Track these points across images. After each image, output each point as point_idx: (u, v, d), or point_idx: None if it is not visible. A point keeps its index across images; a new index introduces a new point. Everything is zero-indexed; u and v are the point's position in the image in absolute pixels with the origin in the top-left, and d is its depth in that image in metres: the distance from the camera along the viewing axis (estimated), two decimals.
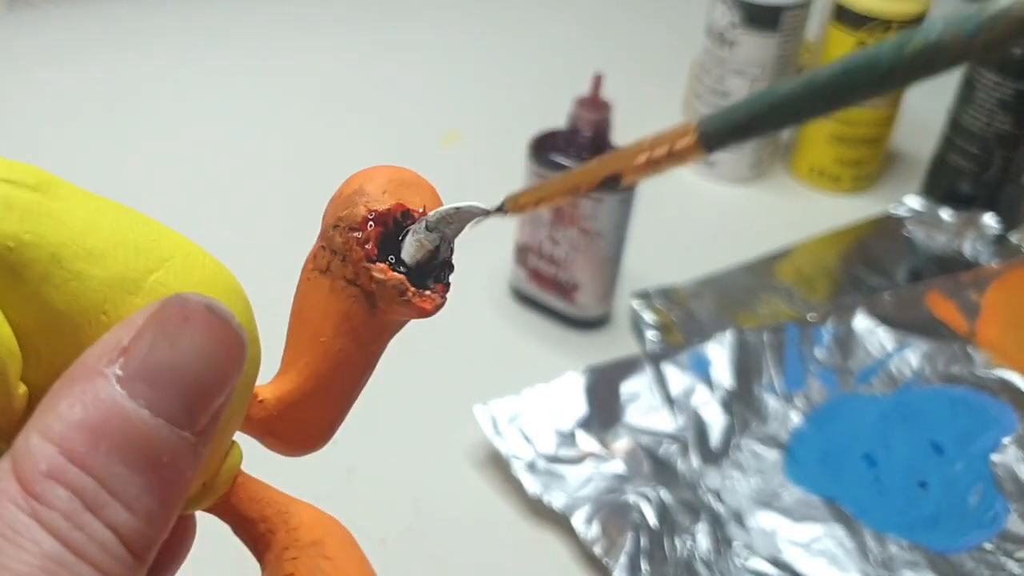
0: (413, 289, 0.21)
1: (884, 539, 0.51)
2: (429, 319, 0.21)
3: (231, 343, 0.18)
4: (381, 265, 0.21)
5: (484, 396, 0.54)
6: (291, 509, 0.23)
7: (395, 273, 0.21)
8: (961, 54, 0.15)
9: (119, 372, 0.17)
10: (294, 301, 0.22)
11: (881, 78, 0.16)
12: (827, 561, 0.50)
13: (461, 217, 0.21)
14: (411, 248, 0.21)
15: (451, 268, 0.21)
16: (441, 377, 0.59)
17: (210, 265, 0.20)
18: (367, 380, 0.22)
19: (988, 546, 0.50)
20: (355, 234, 0.21)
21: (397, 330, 0.22)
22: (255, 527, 0.22)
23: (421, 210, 0.21)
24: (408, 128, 0.81)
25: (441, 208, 0.21)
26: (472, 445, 0.54)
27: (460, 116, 0.83)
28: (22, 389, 0.17)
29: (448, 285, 0.21)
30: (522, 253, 0.63)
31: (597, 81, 0.59)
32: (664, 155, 0.18)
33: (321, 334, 0.21)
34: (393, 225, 0.21)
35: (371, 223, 0.21)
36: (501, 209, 0.20)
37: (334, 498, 0.56)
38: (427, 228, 0.21)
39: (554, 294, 0.62)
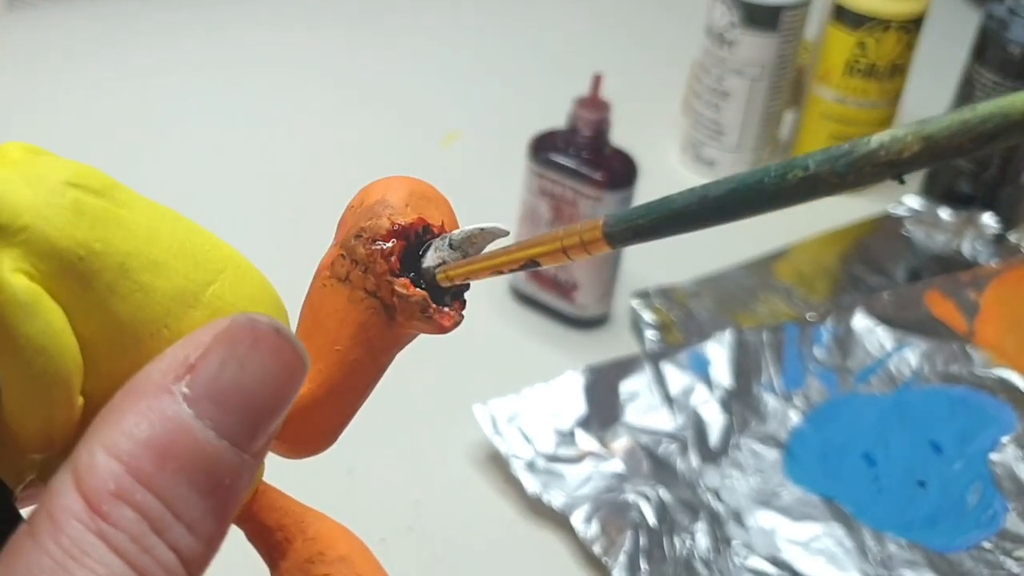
0: (435, 306, 0.21)
1: (883, 538, 0.51)
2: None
3: (295, 367, 0.18)
4: (404, 280, 0.21)
5: (484, 396, 0.55)
6: (307, 519, 0.23)
7: (417, 289, 0.21)
8: (836, 187, 0.17)
9: (186, 390, 0.16)
10: (305, 306, 0.22)
11: (765, 201, 0.17)
12: (826, 560, 0.50)
13: (484, 238, 0.21)
14: (433, 264, 0.21)
15: (467, 285, 0.21)
16: (441, 377, 0.59)
17: (256, 276, 0.20)
18: (373, 389, 0.22)
19: (987, 545, 0.51)
20: (379, 246, 0.21)
21: (408, 342, 0.22)
22: (272, 535, 0.22)
23: (440, 225, 0.21)
24: (408, 128, 0.81)
25: (466, 228, 0.21)
26: (472, 445, 0.54)
27: (460, 116, 0.83)
28: (80, 400, 0.17)
29: (464, 302, 0.21)
30: None
31: (597, 81, 0.59)
32: (574, 245, 0.20)
33: (337, 342, 0.21)
34: (414, 240, 0.21)
35: (395, 237, 0.21)
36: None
37: (334, 498, 0.56)
38: (451, 247, 0.21)
39: (554, 294, 0.62)
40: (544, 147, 0.60)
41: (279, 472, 0.25)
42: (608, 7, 1.03)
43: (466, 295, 0.22)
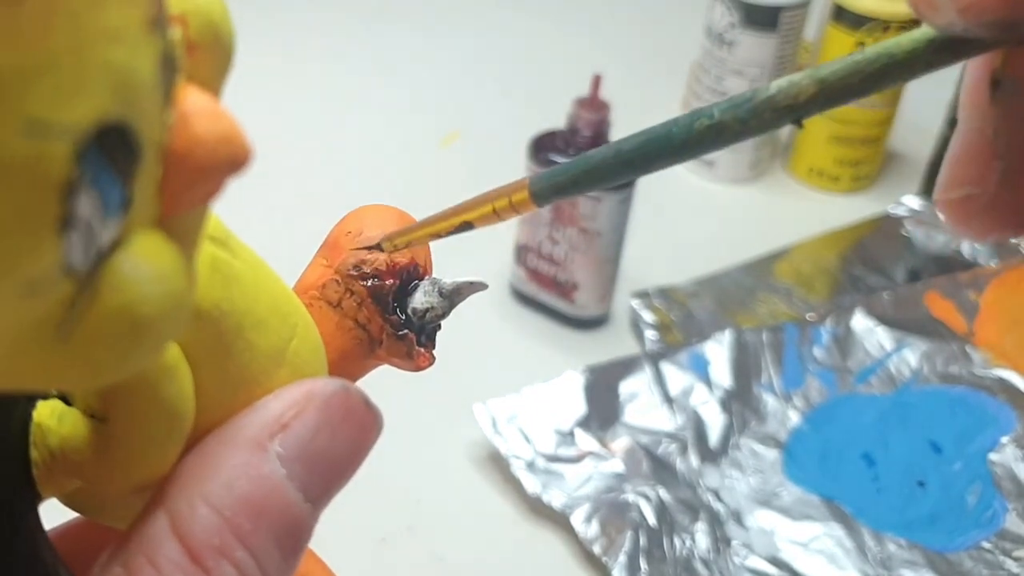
0: (417, 347, 0.22)
1: (883, 538, 0.51)
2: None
3: (373, 436, 0.18)
4: (395, 319, 0.21)
5: (484, 395, 0.55)
6: None
7: (407, 330, 0.21)
8: (740, 133, 0.18)
9: (280, 450, 0.17)
10: None
11: (675, 151, 0.18)
12: (826, 560, 0.50)
13: (471, 290, 0.22)
14: (421, 308, 0.22)
15: (440, 328, 0.22)
16: (441, 376, 0.58)
17: (313, 328, 0.20)
18: None
19: (986, 545, 0.51)
20: (378, 283, 0.21)
21: (369, 372, 0.23)
22: None
23: (423, 264, 0.22)
24: (408, 128, 0.81)
25: (457, 280, 0.22)
26: (472, 444, 0.54)
27: (460, 116, 0.83)
28: None
29: (435, 344, 0.22)
30: (521, 253, 0.63)
31: (596, 81, 0.59)
32: (504, 207, 0.20)
33: None
34: (405, 279, 0.22)
35: (393, 276, 0.21)
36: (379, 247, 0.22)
37: (334, 498, 0.56)
38: (441, 294, 0.22)
39: (553, 294, 0.63)
40: (544, 147, 0.60)
41: None
42: (608, 7, 1.03)
43: (439, 334, 0.22)
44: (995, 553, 0.50)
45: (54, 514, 0.19)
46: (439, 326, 0.22)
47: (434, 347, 0.22)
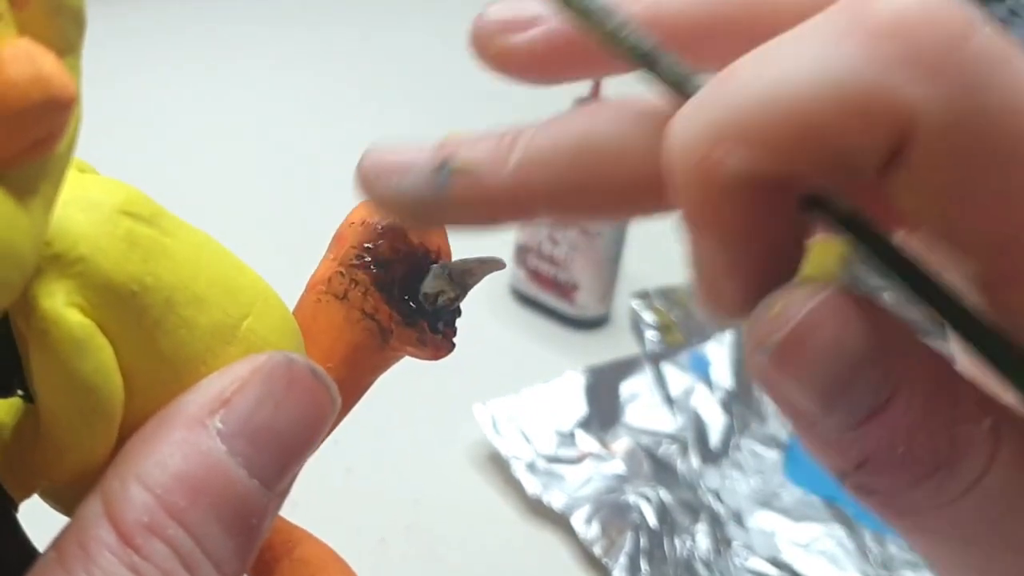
0: (430, 334, 0.21)
1: (883, 539, 0.51)
2: None
3: (327, 409, 0.18)
4: (403, 306, 0.21)
5: (484, 396, 0.54)
6: (295, 538, 0.23)
7: (416, 316, 0.21)
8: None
9: (220, 425, 0.16)
10: (296, 318, 0.22)
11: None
12: (827, 561, 0.50)
13: (483, 271, 0.21)
14: (432, 292, 0.21)
15: (459, 313, 0.21)
16: (441, 377, 0.58)
17: (279, 305, 0.19)
18: (351, 410, 0.22)
19: None
20: (382, 270, 0.21)
21: (392, 365, 0.22)
22: (259, 556, 0.22)
23: (437, 250, 0.21)
24: (408, 129, 0.81)
25: (467, 260, 0.21)
26: (472, 445, 0.54)
27: (460, 117, 0.83)
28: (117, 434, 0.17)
29: (456, 330, 0.21)
30: (522, 253, 0.63)
31: (597, 81, 0.59)
32: None
33: (329, 360, 0.21)
34: (414, 265, 0.21)
35: (398, 263, 0.21)
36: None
37: (333, 498, 0.56)
38: (450, 278, 0.21)
39: (554, 294, 0.62)
40: None
41: None
42: None
43: (457, 323, 0.22)
44: None
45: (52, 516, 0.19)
46: (458, 311, 0.21)
47: (454, 334, 0.21)
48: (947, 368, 0.15)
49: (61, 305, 0.15)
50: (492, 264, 0.21)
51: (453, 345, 0.21)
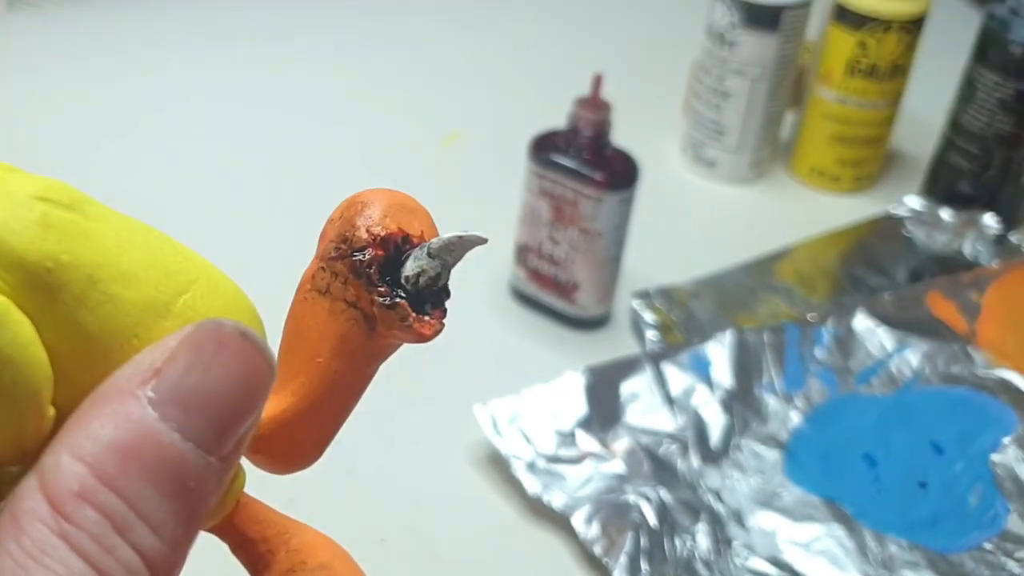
0: (414, 315, 0.21)
1: (884, 539, 0.51)
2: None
3: (261, 370, 0.18)
4: (383, 289, 0.21)
5: (484, 396, 0.54)
6: (291, 530, 0.23)
7: (397, 298, 0.21)
8: None
9: (151, 394, 0.17)
10: (288, 319, 0.22)
11: None
12: (827, 561, 0.50)
13: (463, 245, 0.21)
14: (412, 274, 0.21)
15: (448, 294, 0.21)
16: (441, 377, 0.59)
17: (230, 288, 0.20)
18: (358, 401, 0.22)
19: (988, 546, 0.51)
20: (357, 257, 0.21)
21: (391, 353, 0.22)
22: (255, 548, 0.22)
23: (419, 235, 0.21)
24: (409, 129, 0.81)
25: (444, 236, 0.21)
26: (472, 445, 0.54)
27: (460, 116, 0.83)
28: (51, 411, 0.17)
29: (445, 311, 0.21)
30: (522, 253, 0.63)
31: (597, 81, 0.59)
32: None
33: (318, 355, 0.21)
34: (393, 250, 0.21)
35: (374, 247, 0.21)
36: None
37: (334, 498, 0.56)
38: (429, 255, 0.21)
39: (554, 294, 0.62)
40: (545, 147, 0.60)
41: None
42: (608, 7, 1.03)
43: (447, 304, 0.22)
44: (996, 554, 0.50)
45: None
46: (446, 292, 0.21)
47: (443, 315, 0.21)
48: None
49: None
50: (472, 240, 0.21)
51: (442, 326, 0.21)
